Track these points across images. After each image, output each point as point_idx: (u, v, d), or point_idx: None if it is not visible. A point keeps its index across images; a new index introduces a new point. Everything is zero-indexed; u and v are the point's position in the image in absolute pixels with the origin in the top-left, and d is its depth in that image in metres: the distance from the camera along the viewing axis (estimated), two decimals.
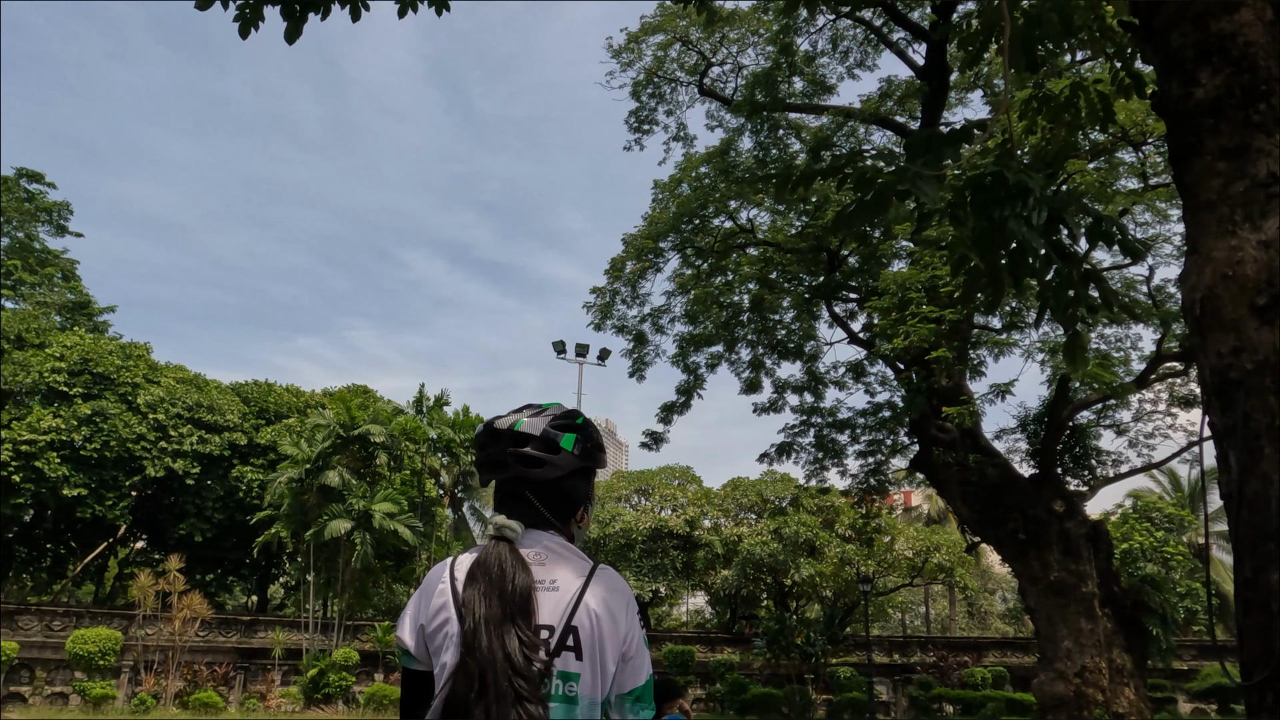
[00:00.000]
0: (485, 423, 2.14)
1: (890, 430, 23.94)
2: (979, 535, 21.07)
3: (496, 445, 2.08)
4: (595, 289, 19.14)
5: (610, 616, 1.90)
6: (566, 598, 1.89)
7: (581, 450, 2.10)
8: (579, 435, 2.11)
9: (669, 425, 21.87)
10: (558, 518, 2.07)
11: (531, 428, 2.06)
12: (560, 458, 2.05)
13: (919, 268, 13.89)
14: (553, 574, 1.93)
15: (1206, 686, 27.97)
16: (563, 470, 2.07)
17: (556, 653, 1.84)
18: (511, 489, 2.08)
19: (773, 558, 34.96)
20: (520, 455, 2.03)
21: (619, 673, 1.91)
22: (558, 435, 2.07)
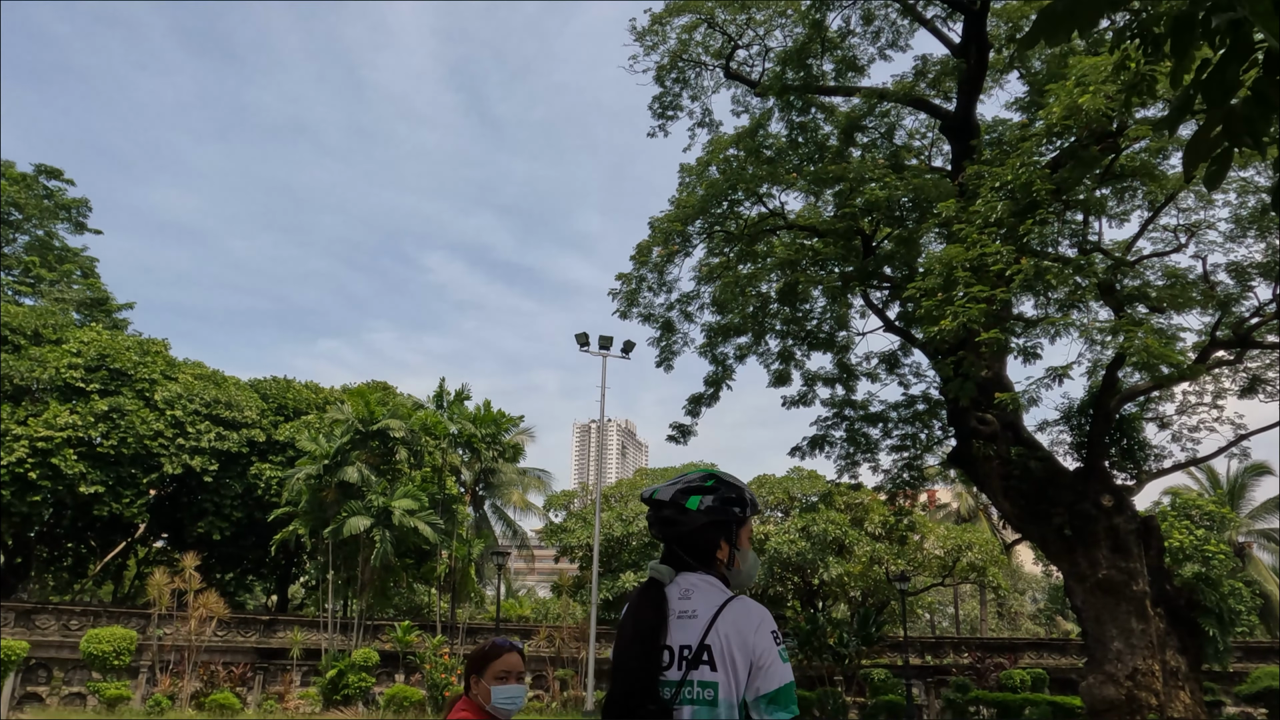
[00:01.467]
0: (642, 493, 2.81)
1: (924, 424, 23.11)
2: (1021, 531, 20.18)
3: (649, 510, 2.76)
4: (621, 275, 18.41)
5: (740, 635, 2.45)
6: (703, 623, 2.48)
7: (706, 507, 2.65)
8: (704, 496, 2.66)
9: (697, 418, 21.14)
10: (699, 560, 2.65)
11: (664, 494, 2.70)
12: (689, 516, 2.64)
13: (965, 245, 13.06)
14: (694, 605, 2.53)
15: (1256, 690, 26.89)
16: (693, 525, 2.64)
17: (694, 665, 2.45)
18: (663, 541, 2.73)
19: (800, 556, 34.11)
20: (659, 518, 2.71)
21: (752, 679, 2.43)
22: (684, 498, 2.66)
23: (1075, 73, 13.05)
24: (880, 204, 15.78)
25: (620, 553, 37.61)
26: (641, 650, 2.50)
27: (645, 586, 2.64)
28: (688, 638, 2.47)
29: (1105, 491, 18.33)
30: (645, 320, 19.17)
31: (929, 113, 21.25)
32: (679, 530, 2.65)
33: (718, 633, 2.45)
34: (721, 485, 2.70)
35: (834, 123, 20.53)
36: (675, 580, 2.61)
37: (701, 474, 2.75)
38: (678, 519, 2.65)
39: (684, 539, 2.66)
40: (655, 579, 2.63)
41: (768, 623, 2.49)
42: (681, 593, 2.57)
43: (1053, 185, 12.92)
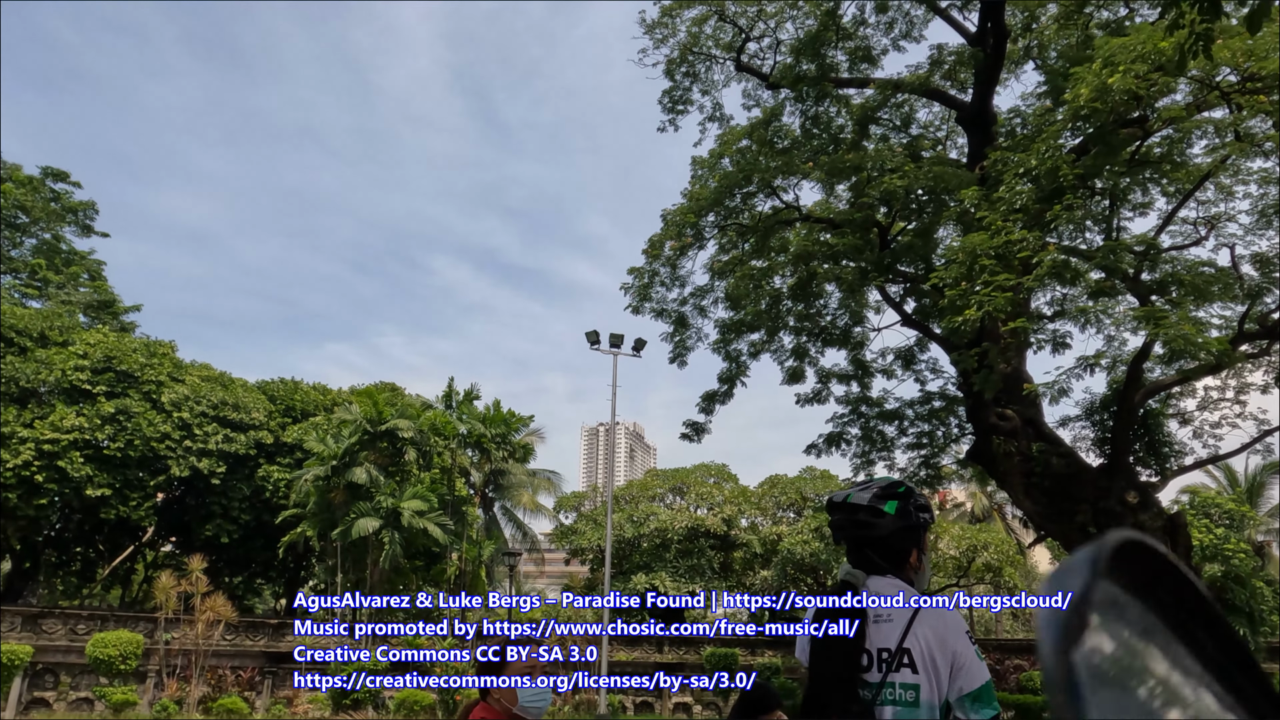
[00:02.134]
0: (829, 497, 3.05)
1: (941, 421, 22.70)
2: (1043, 530, 19.74)
3: (838, 514, 2.81)
4: (633, 269, 18.05)
5: (939, 638, 2.57)
6: (900, 627, 2.59)
7: (901, 512, 2.73)
8: (899, 502, 2.74)
9: (711, 415, 20.77)
10: (891, 565, 2.74)
11: (860, 499, 2.77)
12: (885, 520, 2.73)
13: (989, 233, 12.65)
14: (889, 610, 2.63)
15: None
16: (889, 530, 2.73)
17: (895, 668, 2.58)
18: (853, 545, 2.79)
19: (814, 557, 33.69)
20: (855, 521, 2.77)
21: (954, 679, 2.54)
22: (881, 503, 2.74)
23: (1102, 54, 12.66)
24: (898, 194, 15.38)
25: (631, 554, 37.23)
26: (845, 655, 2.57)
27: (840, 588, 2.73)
28: (886, 641, 2.57)
29: (1130, 488, 17.91)
30: (658, 316, 18.81)
31: (944, 104, 20.88)
32: (874, 534, 2.75)
33: (916, 636, 2.54)
34: (912, 493, 2.82)
35: (848, 114, 20.17)
36: (867, 584, 2.72)
37: (892, 481, 2.89)
38: (873, 522, 2.74)
39: (879, 543, 2.76)
40: (848, 582, 2.73)
41: (962, 624, 2.62)
42: (874, 597, 2.67)
43: (1080, 170, 12.52)
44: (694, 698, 32.24)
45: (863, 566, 2.75)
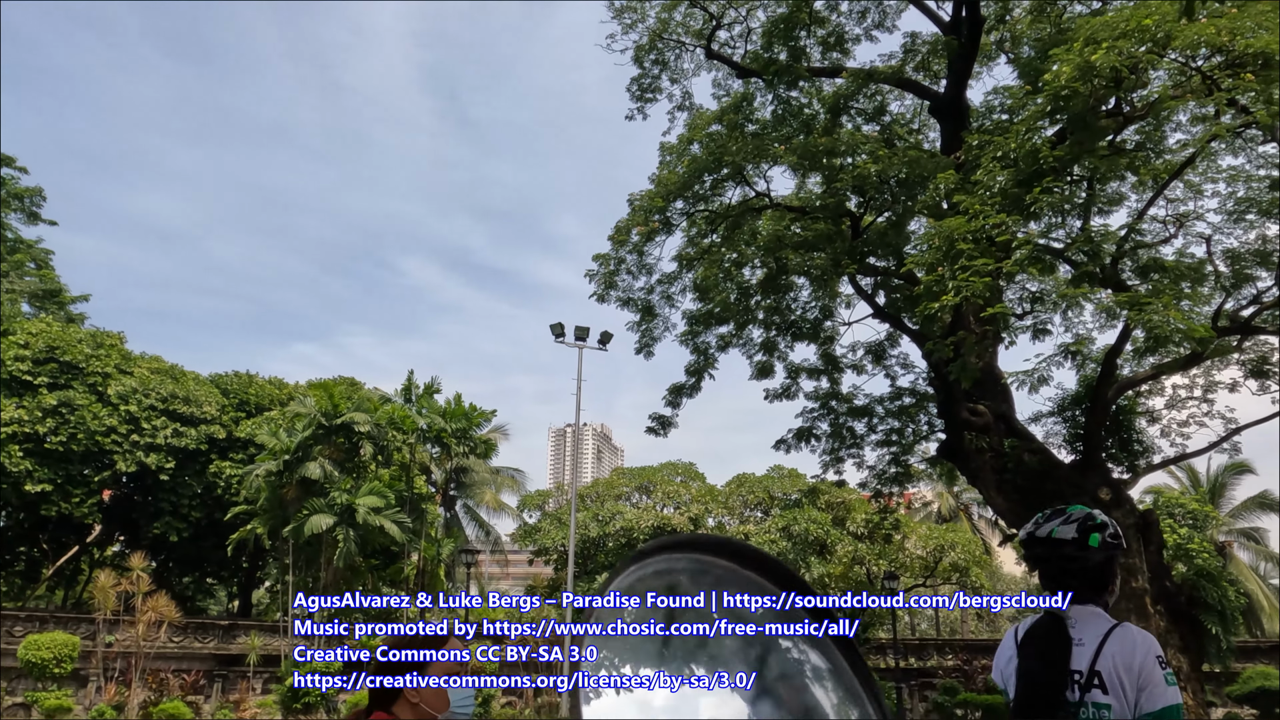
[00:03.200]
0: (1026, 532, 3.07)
1: (911, 418, 22.41)
2: (1016, 527, 19.42)
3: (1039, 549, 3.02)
4: (599, 256, 17.40)
5: (1125, 660, 2.75)
6: (1090, 650, 2.80)
7: (1102, 544, 2.96)
8: (1101, 534, 2.96)
9: (678, 409, 20.21)
10: (1095, 593, 2.98)
11: (1065, 534, 2.98)
12: (1091, 553, 2.96)
13: (967, 217, 12.19)
14: (1081, 633, 2.85)
15: (1248, 690, 26.31)
16: (1095, 561, 2.97)
17: (1087, 689, 2.77)
18: (1055, 576, 2.99)
19: (781, 557, 33.22)
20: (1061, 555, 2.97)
21: (1140, 700, 2.71)
22: (1086, 536, 2.96)
23: (1083, 33, 12.26)
24: (871, 180, 14.91)
25: (596, 554, 36.54)
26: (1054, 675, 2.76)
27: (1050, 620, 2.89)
28: (1079, 663, 2.75)
29: (1103, 485, 17.64)
30: (624, 305, 18.18)
31: (918, 94, 20.54)
32: (1081, 566, 2.92)
33: (1106, 658, 2.72)
34: (1107, 523, 2.99)
35: (820, 102, 19.76)
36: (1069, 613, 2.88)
37: (1087, 512, 3.02)
38: (1079, 555, 2.91)
39: (1086, 574, 2.93)
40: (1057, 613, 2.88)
41: (1153, 648, 2.77)
42: (1070, 622, 2.85)
43: (1061, 153, 12.11)
44: None
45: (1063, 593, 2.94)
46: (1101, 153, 12.05)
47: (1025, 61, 14.83)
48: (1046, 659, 2.81)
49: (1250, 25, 10.68)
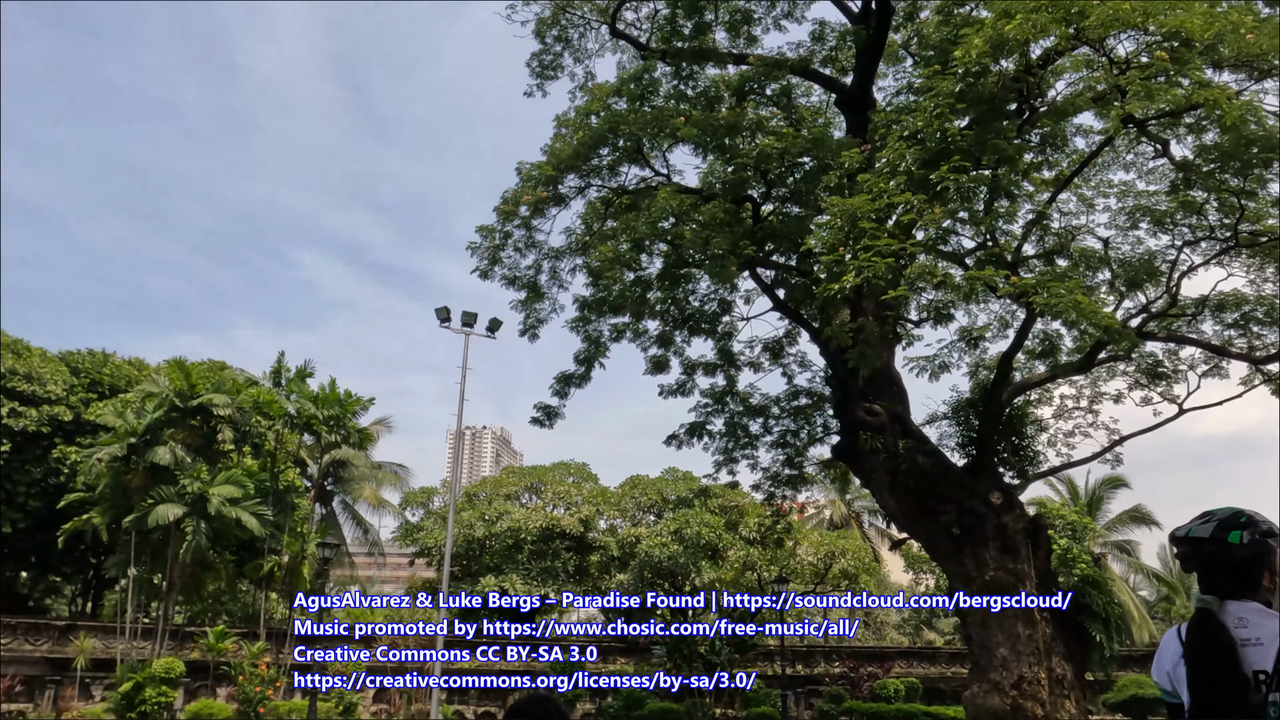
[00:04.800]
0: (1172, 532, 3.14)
1: (807, 419, 21.95)
2: (907, 530, 18.96)
3: (1183, 548, 3.05)
4: (483, 228, 16.09)
5: None
6: (1273, 648, 2.73)
7: (1249, 539, 2.92)
8: (1243, 530, 2.94)
9: (565, 399, 19.11)
10: (1246, 589, 2.91)
11: (1203, 533, 2.98)
12: (1232, 550, 2.92)
13: (871, 196, 11.48)
14: (1256, 633, 2.79)
15: (1123, 698, 26.78)
16: (1238, 557, 2.92)
17: (1275, 688, 2.70)
18: (1203, 574, 3.00)
19: (672, 560, 32.40)
20: (1199, 553, 2.99)
21: None
22: (1224, 533, 2.95)
23: (996, 9, 11.73)
24: (773, 159, 14.11)
25: (481, 555, 35.01)
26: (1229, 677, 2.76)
27: (1202, 616, 2.90)
28: (1261, 662, 2.76)
29: (995, 489, 17.32)
30: (510, 284, 16.94)
31: (825, 86, 20.05)
32: (1224, 563, 2.93)
33: None
34: (1255, 520, 2.99)
35: (726, 86, 19.05)
36: (1225, 609, 2.88)
37: (1233, 511, 3.03)
38: (1220, 553, 2.94)
39: (1231, 571, 2.93)
40: (1205, 609, 2.91)
41: None
42: (1236, 621, 2.84)
43: (969, 134, 11.52)
44: None
45: (1215, 593, 2.92)
46: (1010, 134, 11.50)
47: (935, 43, 14.32)
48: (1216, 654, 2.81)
49: (1164, 4, 10.26)
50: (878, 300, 17.21)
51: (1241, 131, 13.44)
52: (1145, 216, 17.06)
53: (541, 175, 15.39)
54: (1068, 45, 11.30)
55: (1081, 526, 35.97)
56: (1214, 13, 10.42)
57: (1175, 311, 18.43)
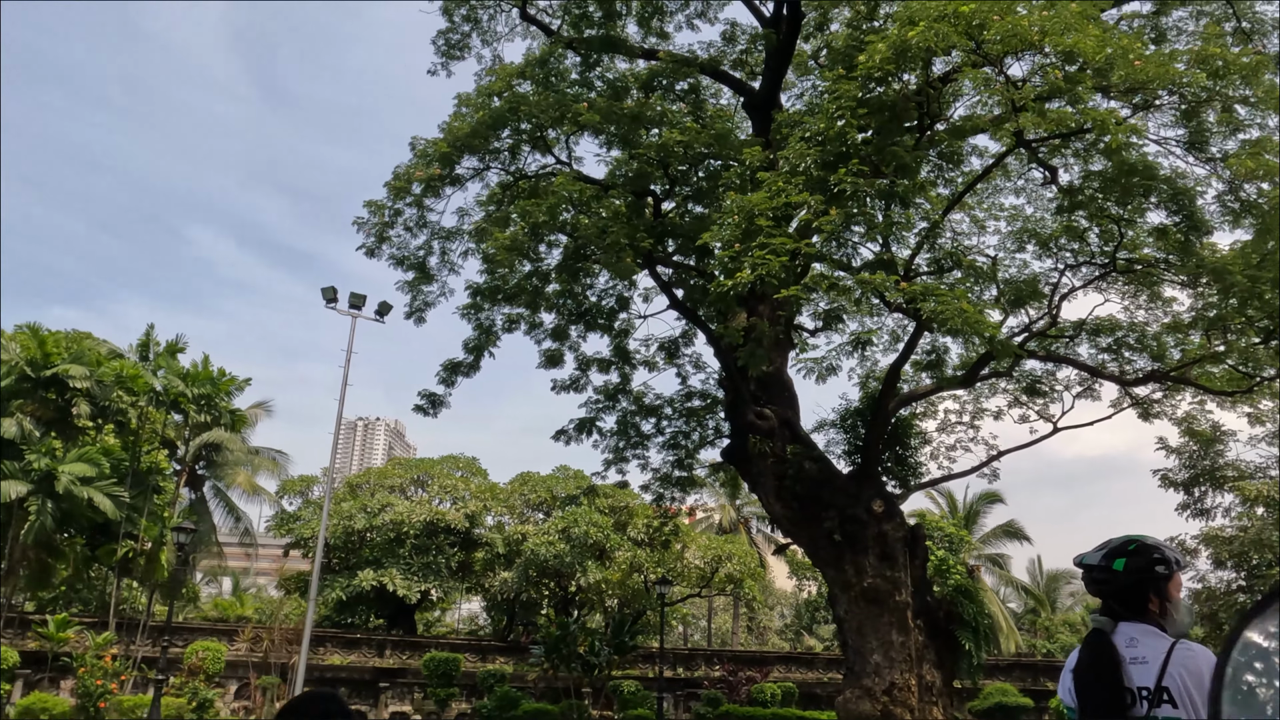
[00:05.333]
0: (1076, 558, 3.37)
1: (700, 421, 21.90)
2: (791, 536, 19.06)
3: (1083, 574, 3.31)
4: (370, 203, 15.35)
5: (1194, 675, 2.88)
6: (1155, 667, 2.93)
7: (1133, 566, 3.15)
8: (1127, 558, 3.17)
9: (452, 387, 18.48)
10: (1133, 612, 3.15)
11: (1091, 559, 3.25)
12: (1115, 576, 3.17)
13: (769, 193, 11.35)
14: (1142, 652, 3.02)
15: (988, 706, 27.66)
16: (1123, 583, 3.17)
17: (1156, 704, 2.91)
18: (1100, 597, 3.27)
19: (558, 559, 31.90)
20: (1092, 579, 3.26)
21: None
22: (1110, 560, 3.19)
23: (902, 16, 11.78)
24: (676, 152, 13.88)
25: (361, 548, 33.79)
26: (1109, 692, 2.99)
27: (1094, 636, 3.14)
28: (1144, 680, 2.96)
29: (877, 496, 17.54)
30: (399, 264, 16.21)
31: (734, 89, 20.03)
32: (1112, 588, 3.18)
33: (1171, 675, 2.91)
34: (1143, 548, 3.18)
35: (635, 79, 18.80)
36: (1118, 630, 3.12)
37: (1126, 539, 3.25)
38: (1108, 578, 3.18)
39: (1117, 595, 3.18)
40: (1099, 629, 3.15)
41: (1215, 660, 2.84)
42: (1127, 641, 3.08)
43: (869, 138, 11.51)
44: (414, 707, 29.40)
45: (1109, 614, 3.17)
46: (909, 144, 11.54)
47: (842, 51, 14.35)
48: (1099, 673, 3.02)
49: (1061, 25, 10.42)
50: (773, 304, 17.27)
51: (1125, 159, 14.00)
52: (1032, 239, 17.61)
53: (436, 152, 14.76)
54: (968, 60, 11.41)
55: (958, 539, 37.10)
56: (1106, 37, 10.65)
57: (1055, 333, 19.09)
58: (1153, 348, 18.68)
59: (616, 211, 15.57)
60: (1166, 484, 29.20)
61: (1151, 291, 18.24)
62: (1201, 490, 28.88)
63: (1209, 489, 28.73)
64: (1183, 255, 14.68)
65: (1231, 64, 10.67)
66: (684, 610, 41.75)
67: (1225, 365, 17.67)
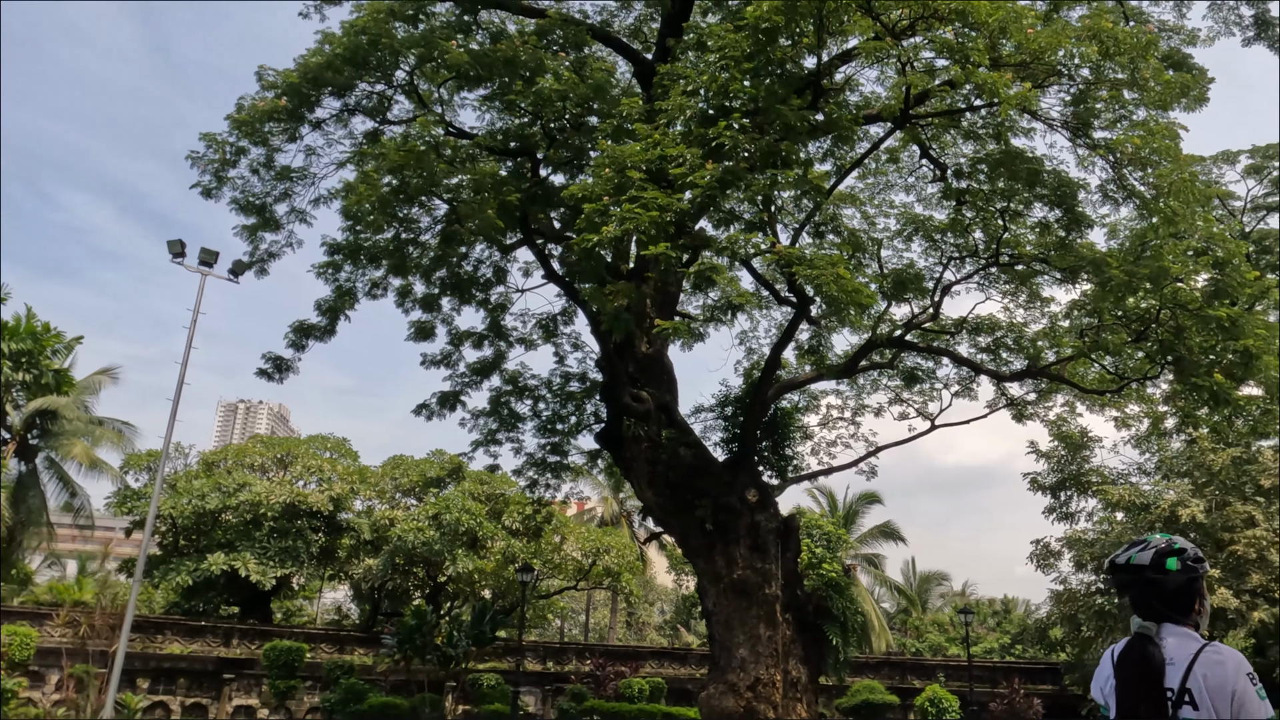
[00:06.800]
0: (1111, 559, 3.34)
1: (577, 404, 20.99)
2: (663, 525, 18.24)
3: (1122, 575, 3.26)
4: (208, 136, 13.68)
5: (1217, 678, 2.91)
6: (1181, 669, 2.96)
7: (1182, 567, 3.13)
8: (1178, 557, 3.15)
9: (302, 351, 16.94)
10: (1180, 614, 3.14)
11: (1142, 559, 3.20)
12: (1169, 577, 3.14)
13: (644, 145, 10.44)
14: (1171, 653, 3.02)
15: (855, 703, 27.63)
16: (1174, 584, 3.14)
17: (1178, 705, 2.93)
18: (1142, 600, 3.20)
19: (426, 547, 30.38)
20: (1140, 580, 3.19)
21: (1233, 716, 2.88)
22: (1163, 560, 3.16)
23: None
24: (552, 101, 12.82)
25: (213, 529, 31.46)
26: (1151, 695, 2.97)
27: (1141, 641, 3.10)
28: (1170, 682, 2.98)
29: (752, 486, 16.98)
30: (243, 210, 14.58)
31: (625, 55, 19.04)
32: (1162, 590, 3.14)
33: (1195, 676, 2.94)
34: (1185, 548, 3.18)
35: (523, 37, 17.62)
36: (1162, 633, 3.09)
37: (1167, 538, 3.24)
38: (1159, 579, 3.14)
39: (1167, 597, 3.14)
40: (1144, 634, 3.11)
41: (1243, 665, 2.96)
42: (1162, 643, 3.06)
43: (752, 90, 10.71)
44: (261, 700, 27.44)
45: (1153, 618, 3.13)
46: (795, 104, 10.78)
47: (731, 8, 13.57)
48: (1142, 679, 3.01)
49: None
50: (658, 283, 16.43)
51: (1012, 148, 13.69)
52: (919, 232, 17.30)
53: (285, 83, 13.25)
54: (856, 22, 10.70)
55: (836, 538, 37.29)
56: (1000, 3, 10.13)
57: (936, 328, 18.93)
58: (1029, 349, 18.73)
59: (493, 174, 14.38)
60: (1035, 487, 29.92)
61: (1031, 291, 18.27)
62: (1067, 494, 29.71)
63: (1074, 493, 29.57)
64: (1062, 251, 14.53)
65: (1122, 41, 10.30)
66: (561, 604, 40.71)
67: (1098, 368, 17.78)
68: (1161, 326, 14.31)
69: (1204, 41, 15.69)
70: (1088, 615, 26.93)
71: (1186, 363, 13.77)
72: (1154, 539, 3.24)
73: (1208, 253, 12.29)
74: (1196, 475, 26.13)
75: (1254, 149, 26.97)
